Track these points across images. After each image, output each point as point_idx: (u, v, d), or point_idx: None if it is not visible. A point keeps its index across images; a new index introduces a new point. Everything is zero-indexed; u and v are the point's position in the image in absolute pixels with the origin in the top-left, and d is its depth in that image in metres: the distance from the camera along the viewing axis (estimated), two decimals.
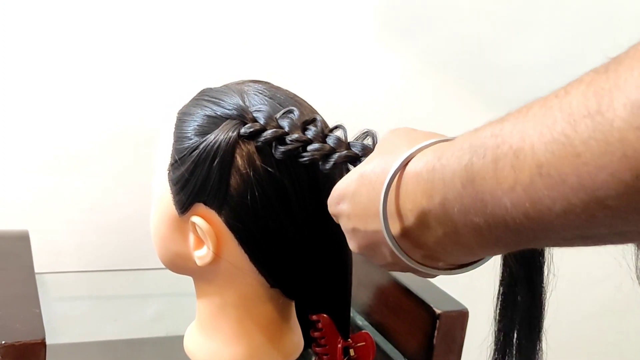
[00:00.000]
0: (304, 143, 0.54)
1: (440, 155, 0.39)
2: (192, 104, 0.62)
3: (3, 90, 0.90)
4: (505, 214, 0.34)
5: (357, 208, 0.45)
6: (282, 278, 0.61)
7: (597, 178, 0.29)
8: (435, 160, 0.39)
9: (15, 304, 0.63)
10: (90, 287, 1.00)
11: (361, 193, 0.45)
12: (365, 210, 0.44)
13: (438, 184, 0.38)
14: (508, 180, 0.33)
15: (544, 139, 0.31)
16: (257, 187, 0.56)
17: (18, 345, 0.55)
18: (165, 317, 1.02)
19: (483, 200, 0.35)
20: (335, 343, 0.62)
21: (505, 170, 0.33)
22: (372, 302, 0.86)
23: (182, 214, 0.60)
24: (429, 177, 0.39)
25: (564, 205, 0.31)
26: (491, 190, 0.34)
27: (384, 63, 1.08)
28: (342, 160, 0.53)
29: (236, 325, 0.63)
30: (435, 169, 0.39)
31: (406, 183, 0.41)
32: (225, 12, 0.97)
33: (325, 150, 0.53)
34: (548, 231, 0.33)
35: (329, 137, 0.54)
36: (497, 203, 0.34)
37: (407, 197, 0.41)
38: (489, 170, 0.34)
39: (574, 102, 0.30)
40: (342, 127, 0.56)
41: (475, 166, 0.35)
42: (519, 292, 0.50)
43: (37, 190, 0.94)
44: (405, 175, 0.41)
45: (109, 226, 0.98)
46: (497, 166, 0.34)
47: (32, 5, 0.89)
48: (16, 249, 0.79)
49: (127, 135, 0.96)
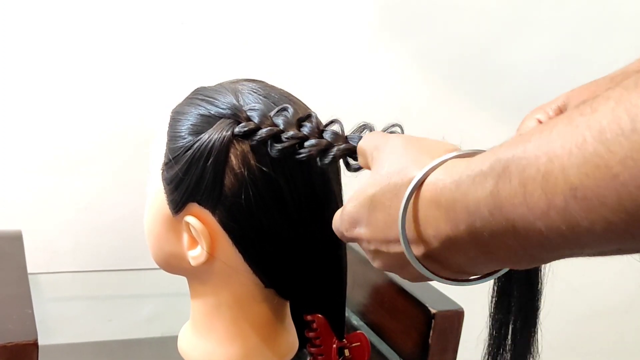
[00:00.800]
0: (300, 139, 0.54)
1: (457, 180, 0.38)
2: (186, 103, 0.62)
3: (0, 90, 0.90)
4: (540, 237, 0.33)
5: (375, 233, 0.44)
6: (277, 278, 0.61)
7: (639, 198, 0.29)
8: (453, 187, 0.38)
9: (7, 305, 0.62)
10: (86, 287, 1.00)
11: (377, 218, 0.44)
12: (385, 235, 0.44)
13: (461, 214, 0.37)
14: (540, 204, 0.32)
15: (575, 160, 0.30)
16: (252, 187, 0.56)
17: (10, 346, 0.54)
18: (161, 317, 1.02)
19: (514, 226, 0.34)
20: (330, 343, 0.62)
21: (535, 194, 0.32)
22: (367, 302, 0.86)
23: (176, 214, 0.60)
24: (448, 205, 0.38)
25: (603, 226, 0.30)
26: (522, 216, 0.33)
27: (383, 63, 1.08)
28: (340, 154, 0.53)
29: (230, 326, 0.63)
30: (456, 198, 0.38)
31: (424, 209, 0.40)
32: (225, 12, 0.97)
33: (322, 145, 0.53)
34: (587, 247, 0.33)
35: (325, 132, 0.54)
36: (530, 228, 0.33)
37: (427, 224, 0.40)
38: (518, 196, 0.33)
39: (604, 121, 0.30)
40: (338, 121, 0.55)
41: (502, 192, 0.34)
42: (515, 286, 0.50)
43: (32, 190, 0.93)
44: (421, 201, 0.40)
45: (105, 226, 0.98)
46: (525, 190, 0.33)
47: (32, 6, 0.88)
48: (9, 249, 0.78)
49: (123, 135, 0.95)
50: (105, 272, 0.99)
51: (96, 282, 1.00)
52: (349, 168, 0.54)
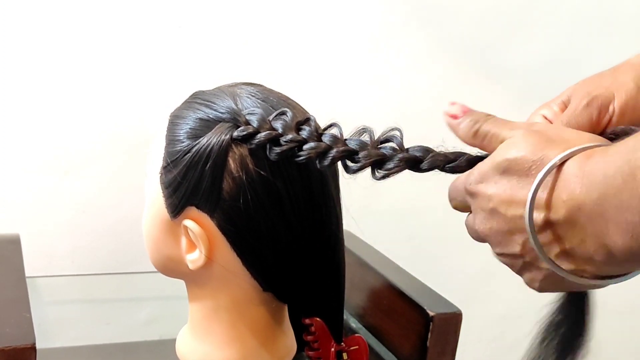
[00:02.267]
0: (299, 143, 0.54)
1: (603, 152, 0.41)
2: (185, 106, 0.62)
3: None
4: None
5: (501, 191, 0.45)
6: (275, 281, 0.61)
7: None
8: (598, 157, 0.41)
9: (5, 308, 0.62)
10: (83, 290, 1.00)
11: (510, 179, 0.45)
12: (512, 193, 0.44)
13: (597, 178, 0.39)
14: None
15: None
16: (250, 191, 0.56)
17: (8, 350, 0.54)
18: (159, 320, 1.02)
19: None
20: (328, 347, 0.62)
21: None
22: (365, 305, 0.86)
23: (174, 218, 0.60)
24: (590, 170, 0.40)
25: None
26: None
27: (383, 62, 1.08)
28: (339, 156, 0.53)
29: (229, 329, 0.63)
30: (598, 165, 0.40)
31: (566, 174, 0.42)
32: (225, 13, 0.97)
33: (322, 148, 0.53)
34: None
35: (324, 135, 0.54)
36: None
37: (564, 189, 0.42)
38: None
39: None
40: (337, 124, 0.55)
41: (638, 162, 0.37)
42: (564, 314, 0.52)
43: (30, 193, 0.93)
44: (566, 167, 0.42)
45: (102, 229, 0.98)
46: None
47: (32, 9, 0.88)
48: (7, 253, 0.78)
49: (121, 138, 0.95)
50: (103, 275, 0.99)
51: (94, 285, 1.00)
52: (347, 170, 0.54)
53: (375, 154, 0.51)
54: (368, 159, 0.51)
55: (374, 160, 0.51)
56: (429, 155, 0.50)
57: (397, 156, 0.50)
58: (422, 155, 0.50)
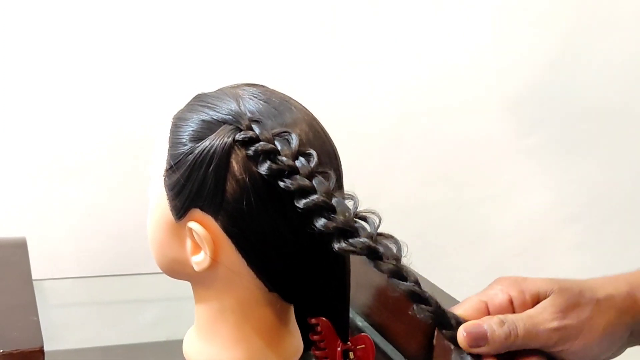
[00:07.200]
0: (289, 169, 0.54)
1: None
2: (187, 109, 0.62)
3: (2, 95, 0.90)
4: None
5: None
6: (280, 282, 0.61)
7: None
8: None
9: (13, 312, 0.63)
10: (89, 292, 1.00)
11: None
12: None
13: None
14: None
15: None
16: (253, 193, 0.56)
17: (16, 353, 0.54)
18: (165, 321, 1.02)
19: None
20: (335, 346, 0.62)
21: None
22: (371, 303, 0.86)
23: (178, 220, 0.60)
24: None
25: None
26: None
27: (383, 62, 1.08)
28: (313, 206, 0.53)
29: (235, 330, 0.63)
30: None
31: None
32: (225, 13, 0.97)
33: (306, 187, 0.53)
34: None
35: (315, 178, 0.54)
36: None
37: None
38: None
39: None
40: (332, 176, 0.55)
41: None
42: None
43: (35, 196, 0.94)
44: None
45: (108, 231, 0.98)
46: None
47: (33, 12, 0.89)
48: (14, 257, 0.79)
49: (126, 141, 0.96)
50: (109, 277, 0.99)
51: (101, 287, 1.00)
52: (315, 224, 0.53)
53: (347, 223, 0.52)
54: (337, 223, 0.52)
55: (340, 228, 0.52)
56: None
57: (363, 240, 0.52)
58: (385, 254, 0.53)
